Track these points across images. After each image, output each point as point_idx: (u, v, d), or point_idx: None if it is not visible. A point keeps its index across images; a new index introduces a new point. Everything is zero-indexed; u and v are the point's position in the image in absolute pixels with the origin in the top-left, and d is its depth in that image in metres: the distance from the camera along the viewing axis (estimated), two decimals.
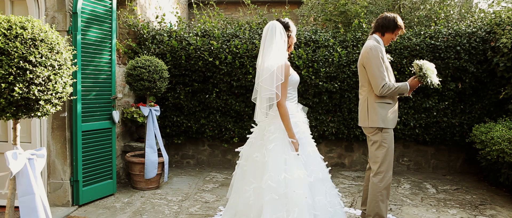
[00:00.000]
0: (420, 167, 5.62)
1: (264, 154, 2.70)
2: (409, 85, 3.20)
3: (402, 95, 3.26)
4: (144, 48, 5.23)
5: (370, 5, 5.84)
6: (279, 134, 2.72)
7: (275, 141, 2.69)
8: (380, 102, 3.17)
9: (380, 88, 3.09)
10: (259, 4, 6.54)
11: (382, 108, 3.17)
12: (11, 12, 3.75)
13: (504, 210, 3.99)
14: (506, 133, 4.14)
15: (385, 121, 3.16)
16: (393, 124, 3.23)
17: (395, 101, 3.26)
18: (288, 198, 2.56)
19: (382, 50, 3.15)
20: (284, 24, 2.79)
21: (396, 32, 3.24)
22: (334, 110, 5.34)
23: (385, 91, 3.10)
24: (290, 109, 2.78)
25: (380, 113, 3.16)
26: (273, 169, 2.61)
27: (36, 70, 2.31)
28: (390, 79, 3.20)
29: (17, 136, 2.47)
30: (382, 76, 3.09)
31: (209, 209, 3.91)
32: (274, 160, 2.64)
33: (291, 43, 2.86)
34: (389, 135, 3.21)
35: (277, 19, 2.83)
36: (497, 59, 4.77)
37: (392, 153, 3.23)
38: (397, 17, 3.22)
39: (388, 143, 3.19)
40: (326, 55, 5.13)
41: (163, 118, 5.44)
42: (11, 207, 2.46)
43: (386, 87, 3.09)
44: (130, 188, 4.59)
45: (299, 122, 2.83)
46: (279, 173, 2.59)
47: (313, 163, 2.77)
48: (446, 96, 5.24)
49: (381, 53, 3.11)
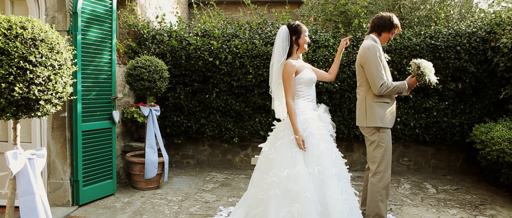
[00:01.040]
0: (420, 167, 5.62)
1: (272, 151, 2.87)
2: (408, 84, 3.21)
3: (400, 94, 3.27)
4: (144, 48, 5.24)
5: (370, 5, 5.84)
6: (287, 132, 2.85)
7: (282, 138, 2.85)
8: (378, 102, 3.18)
9: (379, 88, 3.10)
10: (259, 4, 6.54)
11: (381, 107, 3.18)
12: (11, 12, 3.75)
13: (504, 210, 3.99)
14: (506, 133, 4.14)
15: (383, 120, 3.17)
16: (391, 124, 3.23)
17: (393, 100, 3.27)
18: (290, 193, 2.67)
19: (379, 50, 3.16)
20: (291, 27, 2.95)
21: (393, 31, 3.26)
22: (334, 109, 5.34)
23: (383, 90, 3.10)
24: (301, 106, 2.90)
25: (378, 112, 3.17)
26: (278, 165, 2.76)
27: (36, 70, 2.31)
28: (388, 79, 3.21)
29: (17, 136, 2.47)
30: (380, 75, 3.10)
31: (209, 209, 3.91)
32: (280, 157, 2.79)
33: (302, 44, 2.97)
34: (387, 135, 3.21)
35: (287, 24, 2.99)
36: (497, 59, 4.77)
37: (390, 152, 3.23)
38: (392, 16, 3.23)
39: (385, 142, 3.19)
40: (326, 55, 5.13)
41: (163, 117, 5.44)
42: (11, 207, 2.46)
43: (385, 86, 3.10)
44: (130, 188, 4.59)
45: (310, 119, 2.88)
46: (282, 169, 2.72)
47: (326, 159, 2.80)
48: (446, 96, 5.24)
49: (378, 52, 3.13)
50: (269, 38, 5.25)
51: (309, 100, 2.97)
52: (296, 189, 2.64)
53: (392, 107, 3.24)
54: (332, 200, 2.69)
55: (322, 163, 2.76)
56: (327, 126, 2.96)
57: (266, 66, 5.10)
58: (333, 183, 2.76)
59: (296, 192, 2.64)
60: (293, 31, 2.93)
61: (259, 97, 5.29)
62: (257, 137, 5.45)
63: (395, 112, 3.30)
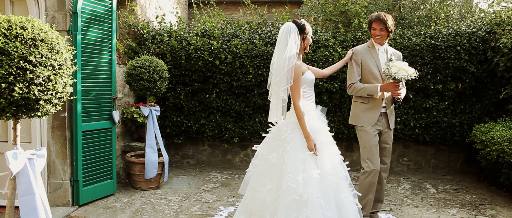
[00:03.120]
0: (420, 167, 5.61)
1: (282, 155, 2.71)
2: (382, 87, 3.28)
3: (371, 96, 3.34)
4: (144, 48, 5.23)
5: (370, 5, 5.83)
6: (297, 134, 2.73)
7: (292, 142, 2.70)
8: (356, 101, 3.44)
9: (347, 88, 3.42)
10: (259, 4, 6.54)
11: (356, 106, 3.43)
12: (11, 12, 3.75)
13: (504, 210, 3.99)
14: (506, 133, 4.14)
15: (357, 118, 3.39)
16: (367, 123, 3.34)
17: (372, 102, 3.35)
18: (302, 198, 2.56)
19: (360, 53, 3.37)
20: (299, 26, 2.80)
21: (371, 30, 3.37)
22: (334, 109, 5.34)
23: (351, 91, 3.38)
24: (306, 107, 2.82)
25: (354, 110, 3.44)
26: (292, 170, 2.61)
27: (36, 70, 2.30)
28: (370, 79, 3.34)
29: (17, 136, 2.47)
30: (351, 76, 3.38)
31: (209, 209, 3.91)
32: (293, 161, 2.65)
33: (306, 44, 2.88)
34: (365, 133, 3.34)
35: (293, 21, 2.84)
36: (497, 59, 4.77)
37: (370, 151, 3.32)
38: (373, 14, 3.35)
39: (363, 140, 3.35)
40: (326, 55, 5.13)
41: (163, 117, 5.44)
42: (11, 207, 2.46)
43: (352, 87, 3.37)
44: (130, 188, 4.59)
45: (312, 120, 2.83)
46: (297, 173, 2.59)
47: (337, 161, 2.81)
48: (446, 96, 5.23)
49: (358, 56, 3.36)
50: (269, 38, 5.25)
51: (311, 100, 2.93)
52: (309, 194, 2.54)
53: (368, 107, 3.35)
54: (347, 201, 2.67)
55: (335, 165, 2.74)
56: (326, 127, 2.95)
57: (266, 66, 5.09)
58: (346, 184, 2.74)
59: (308, 197, 2.54)
60: (302, 30, 2.82)
61: (259, 97, 5.29)
62: (257, 137, 5.45)
63: (376, 113, 3.35)
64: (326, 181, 2.65)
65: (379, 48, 3.38)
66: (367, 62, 3.35)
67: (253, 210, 2.81)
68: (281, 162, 2.69)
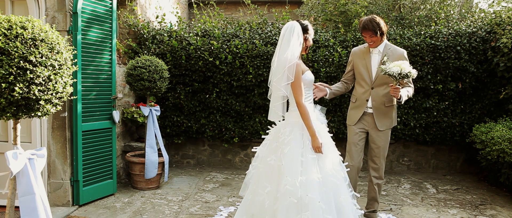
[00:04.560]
0: (420, 167, 5.61)
1: (280, 157, 2.67)
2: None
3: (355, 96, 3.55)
4: (144, 48, 5.23)
5: (370, 5, 5.83)
6: (295, 136, 2.69)
7: (290, 144, 2.67)
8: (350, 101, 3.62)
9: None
10: (259, 4, 6.54)
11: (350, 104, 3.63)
12: (11, 12, 3.75)
13: (504, 210, 3.99)
14: (506, 133, 4.14)
15: (347, 115, 3.61)
16: (349, 121, 3.54)
17: (359, 101, 3.47)
18: (302, 202, 2.53)
19: (354, 54, 3.54)
20: (303, 26, 2.79)
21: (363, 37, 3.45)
22: (334, 110, 5.34)
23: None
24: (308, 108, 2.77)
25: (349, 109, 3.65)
26: (290, 173, 2.58)
27: (37, 70, 2.30)
28: (359, 81, 3.48)
29: (17, 136, 2.47)
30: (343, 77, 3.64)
31: (209, 209, 3.91)
32: (290, 163, 2.61)
33: (307, 45, 2.86)
34: (349, 130, 3.54)
35: (297, 20, 2.82)
36: (497, 59, 4.77)
37: (349, 147, 3.49)
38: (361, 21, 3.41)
39: (347, 137, 3.54)
40: (326, 55, 5.13)
41: (163, 117, 5.44)
42: (11, 207, 2.46)
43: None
44: (130, 188, 4.59)
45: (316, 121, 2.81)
46: (295, 176, 2.56)
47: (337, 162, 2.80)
48: (446, 96, 5.24)
49: (351, 57, 3.56)
50: (269, 38, 5.25)
51: (310, 101, 2.89)
52: (310, 198, 2.52)
53: (355, 106, 3.51)
54: (346, 203, 2.65)
55: (335, 166, 2.72)
56: (326, 127, 2.94)
57: (266, 66, 5.09)
58: (344, 185, 2.72)
59: (309, 200, 2.51)
60: (305, 30, 2.81)
61: (259, 97, 5.28)
62: (257, 137, 5.45)
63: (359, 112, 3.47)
64: (327, 182, 2.63)
65: (372, 50, 3.40)
66: (358, 64, 3.48)
67: (253, 213, 2.78)
68: (280, 164, 2.65)
